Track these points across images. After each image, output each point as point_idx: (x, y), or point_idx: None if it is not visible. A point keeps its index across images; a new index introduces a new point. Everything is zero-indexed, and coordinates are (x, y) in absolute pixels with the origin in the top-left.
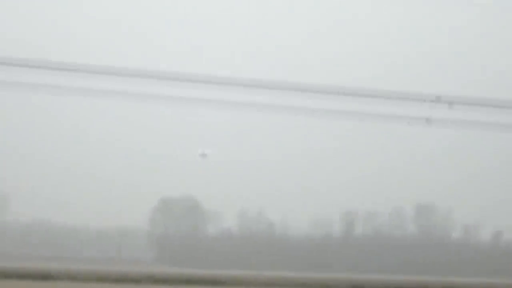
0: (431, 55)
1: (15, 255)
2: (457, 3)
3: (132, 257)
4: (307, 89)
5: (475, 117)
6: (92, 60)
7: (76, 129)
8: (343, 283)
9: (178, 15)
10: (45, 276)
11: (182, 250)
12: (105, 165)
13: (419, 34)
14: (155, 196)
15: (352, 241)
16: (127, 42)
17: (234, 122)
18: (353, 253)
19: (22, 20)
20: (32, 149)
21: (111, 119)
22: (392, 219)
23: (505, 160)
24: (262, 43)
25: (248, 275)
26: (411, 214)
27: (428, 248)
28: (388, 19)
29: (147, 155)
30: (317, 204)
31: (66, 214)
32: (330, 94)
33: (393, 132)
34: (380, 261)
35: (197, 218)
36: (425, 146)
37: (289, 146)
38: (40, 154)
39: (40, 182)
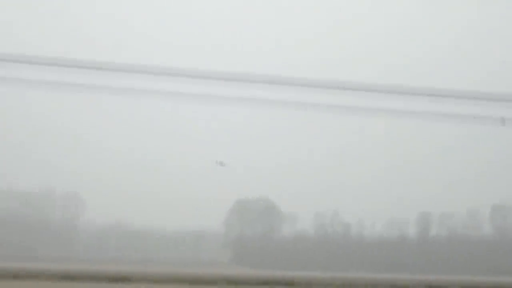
0: (506, 53)
1: (91, 258)
2: None
3: (208, 259)
4: (376, 89)
5: None
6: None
7: (153, 131)
8: (418, 284)
9: (192, 9)
10: (121, 279)
11: (257, 251)
12: (180, 167)
13: (494, 32)
14: (230, 197)
15: (427, 242)
16: (141, 40)
17: (300, 122)
18: (429, 254)
19: (18, 17)
20: (109, 153)
21: (184, 120)
22: (467, 220)
23: None
24: (285, 37)
25: (323, 276)
26: (487, 214)
27: (504, 249)
28: (461, 18)
29: (221, 157)
30: (393, 205)
31: (141, 216)
32: (403, 94)
33: (467, 132)
34: (456, 262)
35: (273, 220)
36: (500, 146)
37: (364, 147)
38: (116, 157)
39: (116, 184)
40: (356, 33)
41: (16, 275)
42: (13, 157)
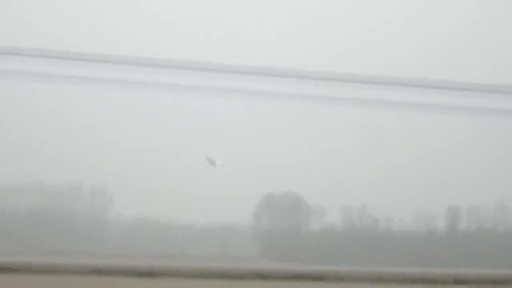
0: None
1: (119, 253)
2: None
3: (236, 253)
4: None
5: None
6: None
7: (178, 128)
8: (447, 277)
9: (190, 3)
10: (149, 273)
11: (286, 245)
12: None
13: (509, 22)
14: (258, 192)
15: (455, 235)
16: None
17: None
18: (457, 247)
19: (19, 10)
20: (135, 148)
21: (207, 116)
22: (496, 213)
23: None
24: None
25: (351, 270)
26: None
27: None
28: (475, 8)
29: (249, 151)
30: (421, 199)
31: (169, 211)
32: (428, 87)
33: (494, 126)
34: (484, 255)
35: (301, 214)
36: None
37: (392, 140)
38: (143, 152)
39: (143, 179)
40: (360, 23)
41: (43, 270)
42: (38, 153)
